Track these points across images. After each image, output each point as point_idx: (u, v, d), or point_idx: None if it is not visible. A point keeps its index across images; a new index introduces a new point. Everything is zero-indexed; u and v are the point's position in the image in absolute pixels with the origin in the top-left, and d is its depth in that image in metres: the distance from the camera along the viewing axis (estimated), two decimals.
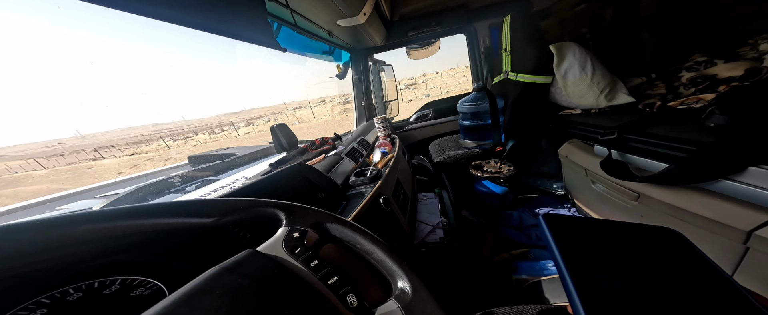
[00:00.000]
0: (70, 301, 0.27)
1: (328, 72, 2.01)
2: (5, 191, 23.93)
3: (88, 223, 0.24)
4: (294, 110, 74.01)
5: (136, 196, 0.69)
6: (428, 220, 1.12)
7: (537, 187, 1.55)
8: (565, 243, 0.24)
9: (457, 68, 73.29)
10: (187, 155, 1.19)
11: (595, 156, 0.99)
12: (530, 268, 0.92)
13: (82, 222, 0.24)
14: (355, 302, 0.26)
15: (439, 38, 2.00)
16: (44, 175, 29.09)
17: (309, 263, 0.28)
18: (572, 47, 1.22)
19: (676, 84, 1.08)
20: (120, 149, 70.70)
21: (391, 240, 0.72)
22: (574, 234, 0.25)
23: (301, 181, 0.67)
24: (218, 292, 0.21)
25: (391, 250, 0.32)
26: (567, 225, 0.26)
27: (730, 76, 0.92)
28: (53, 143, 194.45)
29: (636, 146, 0.84)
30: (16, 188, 23.52)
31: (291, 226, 0.32)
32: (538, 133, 1.53)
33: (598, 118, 1.14)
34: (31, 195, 0.94)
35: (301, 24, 1.10)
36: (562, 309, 0.48)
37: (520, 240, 1.15)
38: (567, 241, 0.24)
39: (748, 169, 0.56)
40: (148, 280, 0.33)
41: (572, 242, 0.24)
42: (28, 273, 0.24)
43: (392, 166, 1.00)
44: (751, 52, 0.94)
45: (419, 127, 2.04)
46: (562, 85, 1.26)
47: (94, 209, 0.26)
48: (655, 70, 1.22)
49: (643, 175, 0.76)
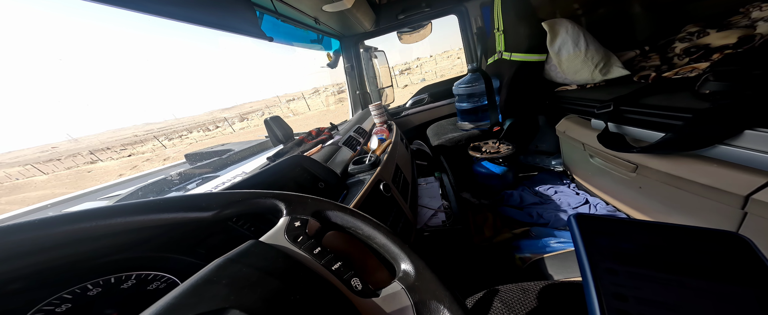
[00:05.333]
0: (90, 296, 0.28)
1: (319, 62, 1.97)
2: (12, 197, 23.95)
3: (85, 221, 0.24)
4: (288, 102, 72.94)
5: (137, 195, 0.69)
6: (430, 204, 1.13)
7: (536, 165, 1.56)
8: (596, 250, 0.20)
9: (450, 51, 71.76)
10: (184, 154, 1.19)
11: (592, 130, 1.00)
12: (532, 246, 0.94)
13: (79, 220, 0.24)
14: (360, 286, 0.27)
15: (431, 20, 1.94)
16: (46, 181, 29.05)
17: (312, 251, 0.29)
18: (565, 23, 1.20)
19: (669, 55, 1.08)
20: (115, 151, 70.22)
21: (393, 225, 0.73)
22: (610, 238, 0.20)
23: (301, 172, 0.68)
24: (225, 282, 0.22)
25: (393, 233, 0.32)
26: (602, 227, 0.21)
27: (723, 44, 0.92)
28: (47, 148, 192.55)
29: (632, 117, 0.84)
30: (22, 194, 23.53)
31: (292, 216, 0.32)
32: (535, 110, 1.52)
33: (593, 93, 1.13)
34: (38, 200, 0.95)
35: (283, 11, 1.06)
36: (565, 284, 0.49)
37: (522, 219, 1.17)
38: (600, 247, 0.20)
39: (745, 133, 0.56)
40: (162, 275, 0.34)
41: (606, 249, 0.20)
42: (42, 271, 0.25)
43: (390, 152, 1.00)
44: (743, 20, 0.94)
45: (416, 112, 2.02)
46: (557, 62, 1.25)
47: (91, 208, 0.26)
48: (648, 42, 1.21)
49: (640, 145, 0.77)
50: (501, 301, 0.48)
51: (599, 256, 0.20)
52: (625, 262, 0.19)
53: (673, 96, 0.78)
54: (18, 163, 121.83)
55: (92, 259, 0.29)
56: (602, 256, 0.20)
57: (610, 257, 0.20)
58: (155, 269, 0.34)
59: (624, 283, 0.18)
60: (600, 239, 0.21)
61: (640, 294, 0.17)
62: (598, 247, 0.20)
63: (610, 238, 0.21)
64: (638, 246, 0.20)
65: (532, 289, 0.49)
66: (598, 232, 0.21)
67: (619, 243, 0.20)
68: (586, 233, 0.21)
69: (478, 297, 0.51)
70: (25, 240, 0.23)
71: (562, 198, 1.23)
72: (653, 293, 0.17)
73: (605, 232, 0.21)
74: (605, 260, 0.19)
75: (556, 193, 1.29)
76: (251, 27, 0.89)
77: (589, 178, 1.16)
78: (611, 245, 0.20)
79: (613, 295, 0.18)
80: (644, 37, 1.25)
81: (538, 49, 1.29)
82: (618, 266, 0.19)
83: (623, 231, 0.21)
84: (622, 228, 0.21)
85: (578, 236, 0.21)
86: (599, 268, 0.19)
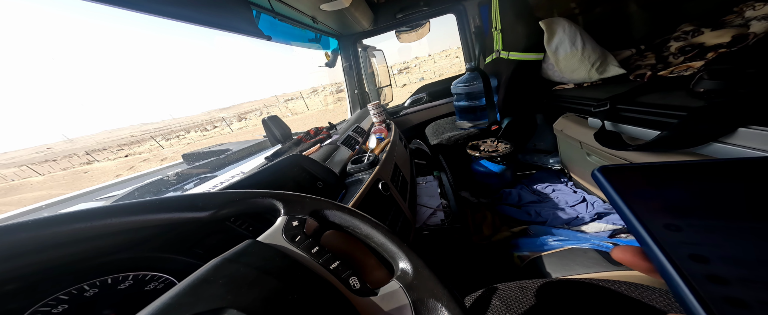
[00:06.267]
0: (87, 296, 0.28)
1: (317, 61, 1.96)
2: (8, 199, 23.70)
3: (82, 222, 0.24)
4: (286, 102, 72.60)
5: (134, 196, 0.68)
6: (429, 203, 1.14)
7: (534, 163, 1.57)
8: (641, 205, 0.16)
9: (449, 50, 71.77)
10: (182, 154, 1.18)
11: (589, 128, 1.00)
12: (531, 245, 0.95)
13: (75, 221, 0.24)
14: (358, 284, 0.27)
15: (429, 19, 1.94)
16: (42, 182, 28.79)
17: (310, 250, 0.29)
18: (562, 22, 1.21)
19: (665, 54, 1.09)
20: (112, 151, 69.62)
21: (392, 224, 0.73)
22: (650, 189, 0.16)
23: (299, 171, 0.67)
24: (222, 281, 0.22)
25: (391, 232, 0.32)
26: (635, 176, 0.17)
27: (717, 43, 0.93)
28: (42, 148, 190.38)
29: (628, 116, 0.85)
30: (19, 195, 23.30)
31: (289, 215, 0.32)
32: (533, 109, 1.53)
33: (590, 91, 1.14)
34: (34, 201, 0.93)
35: (280, 10, 1.05)
36: (563, 282, 0.49)
37: (520, 217, 1.18)
38: (643, 200, 0.16)
39: (739, 131, 0.57)
40: (159, 275, 0.34)
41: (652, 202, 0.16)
42: (37, 272, 0.25)
43: (389, 151, 1.00)
44: (737, 19, 0.95)
45: (414, 111, 2.02)
46: (554, 61, 1.26)
47: (86, 208, 0.26)
48: (643, 41, 1.22)
49: (636, 143, 0.77)
50: (499, 300, 0.48)
51: (647, 211, 0.15)
52: (680, 214, 0.15)
53: (668, 94, 0.79)
54: (13, 164, 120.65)
55: (89, 259, 0.29)
56: (650, 211, 0.15)
57: (660, 211, 0.15)
58: (153, 270, 0.34)
59: (693, 240, 0.14)
60: (639, 192, 0.16)
61: (721, 251, 0.13)
62: (641, 200, 0.16)
63: (650, 189, 0.16)
64: (686, 192, 0.16)
65: (530, 287, 0.49)
66: (633, 184, 0.16)
67: (663, 193, 0.16)
68: (619, 187, 0.16)
69: (476, 295, 0.51)
70: (20, 240, 0.22)
71: (560, 196, 1.24)
72: (735, 248, 0.13)
73: (641, 182, 0.16)
74: (656, 216, 0.15)
75: (553, 191, 1.30)
76: (248, 26, 0.88)
77: (586, 176, 1.17)
78: (655, 196, 0.16)
79: (691, 257, 0.13)
80: (640, 36, 1.26)
81: (535, 48, 1.30)
82: (677, 220, 0.15)
83: (659, 177, 0.17)
84: (657, 174, 0.17)
85: (613, 192, 0.16)
86: (655, 226, 0.14)
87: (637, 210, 0.15)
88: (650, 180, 0.17)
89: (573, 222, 1.08)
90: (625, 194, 0.16)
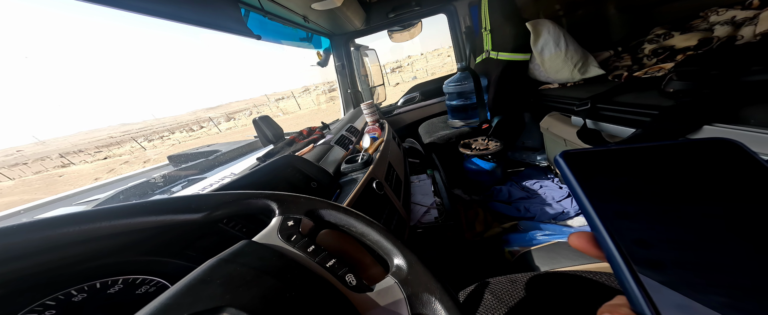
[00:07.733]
0: (75, 302, 0.27)
1: (309, 60, 1.94)
2: None
3: (70, 225, 0.24)
4: (277, 101, 71.23)
5: (118, 199, 0.66)
6: (422, 201, 1.15)
7: (523, 161, 1.61)
8: (596, 192, 0.17)
9: (440, 49, 72.34)
10: (167, 155, 1.14)
11: (573, 126, 1.04)
12: (520, 240, 0.98)
13: (62, 225, 0.24)
14: (354, 281, 0.28)
15: (421, 19, 1.96)
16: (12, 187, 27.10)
17: (306, 249, 0.29)
18: (547, 24, 1.25)
19: (640, 55, 1.15)
20: (90, 154, 66.30)
21: (387, 223, 0.74)
22: (606, 174, 0.18)
23: (292, 172, 0.67)
24: (219, 281, 0.22)
25: (386, 230, 0.33)
26: (593, 161, 0.18)
27: (685, 46, 0.99)
28: (11, 151, 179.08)
29: (607, 114, 0.89)
30: None
31: (284, 215, 0.32)
32: (521, 108, 1.57)
33: (573, 91, 1.18)
34: (6, 207, 0.87)
35: (269, 9, 1.04)
36: (551, 274, 0.52)
37: (510, 213, 1.21)
38: (598, 187, 0.17)
39: (703, 128, 0.61)
40: (150, 278, 0.33)
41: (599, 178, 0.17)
42: (22, 278, 0.24)
43: (383, 150, 1.01)
44: (702, 24, 1.01)
45: (407, 110, 2.04)
46: (540, 62, 1.30)
47: (74, 212, 0.25)
48: (621, 43, 1.28)
49: (614, 140, 0.81)
50: (491, 293, 0.50)
51: (600, 198, 0.16)
52: (629, 199, 0.16)
53: (642, 94, 0.83)
54: None
55: (76, 264, 0.28)
56: (603, 197, 0.16)
57: (611, 197, 0.16)
58: (143, 273, 0.33)
59: (637, 225, 0.15)
60: (596, 178, 0.17)
61: (660, 235, 0.14)
62: (597, 187, 0.17)
63: (606, 175, 0.17)
64: (634, 177, 0.17)
65: (519, 281, 0.51)
66: (592, 170, 0.18)
67: (617, 177, 0.17)
68: (579, 173, 0.17)
69: (470, 290, 0.53)
70: (4, 246, 0.22)
71: (547, 192, 1.28)
72: (671, 231, 0.14)
73: (599, 167, 0.18)
74: (609, 202, 0.16)
75: (541, 187, 1.34)
76: (236, 24, 0.87)
77: None
78: (609, 182, 0.17)
79: (634, 242, 0.14)
80: (618, 38, 1.32)
81: (523, 48, 1.34)
82: (625, 206, 0.16)
83: (616, 162, 0.18)
84: (613, 158, 0.18)
85: (572, 178, 0.17)
86: (607, 213, 0.16)
87: (592, 197, 0.16)
88: (605, 164, 0.18)
89: (559, 217, 1.13)
90: (584, 181, 0.17)
